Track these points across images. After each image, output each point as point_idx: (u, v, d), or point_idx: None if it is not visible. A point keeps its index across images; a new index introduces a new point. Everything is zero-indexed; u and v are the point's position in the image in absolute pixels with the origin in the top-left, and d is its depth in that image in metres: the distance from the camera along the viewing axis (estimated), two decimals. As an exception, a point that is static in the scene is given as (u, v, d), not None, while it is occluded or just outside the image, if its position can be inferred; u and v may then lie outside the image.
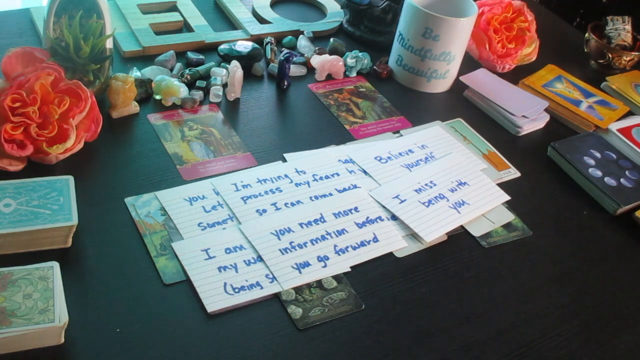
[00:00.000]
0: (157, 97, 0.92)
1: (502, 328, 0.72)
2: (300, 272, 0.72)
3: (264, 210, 0.79)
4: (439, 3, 1.04)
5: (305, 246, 0.75)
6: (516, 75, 1.12)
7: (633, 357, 0.72)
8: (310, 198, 0.82)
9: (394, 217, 0.82)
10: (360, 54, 1.07)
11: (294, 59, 1.02)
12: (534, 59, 1.17)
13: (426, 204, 0.84)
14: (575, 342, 0.72)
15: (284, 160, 0.88)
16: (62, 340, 0.61)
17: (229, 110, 0.94)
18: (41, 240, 0.68)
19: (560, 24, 1.37)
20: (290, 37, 1.10)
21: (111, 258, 0.70)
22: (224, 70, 0.98)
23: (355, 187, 0.85)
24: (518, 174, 0.93)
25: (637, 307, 0.78)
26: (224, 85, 0.97)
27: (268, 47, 1.05)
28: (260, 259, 0.73)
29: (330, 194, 0.83)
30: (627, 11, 1.23)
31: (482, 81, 1.08)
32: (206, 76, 0.98)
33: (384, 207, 0.83)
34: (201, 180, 0.82)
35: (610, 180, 0.92)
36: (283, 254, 0.74)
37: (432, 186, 0.87)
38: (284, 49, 1.08)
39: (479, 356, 0.68)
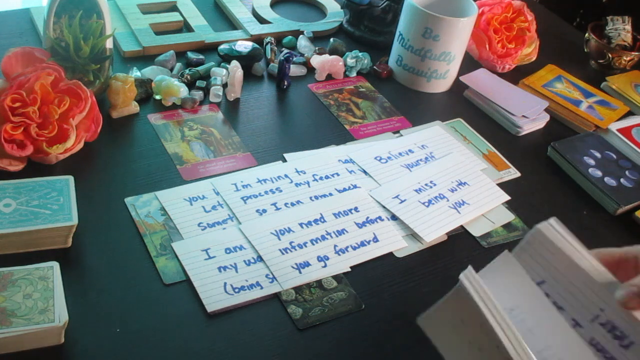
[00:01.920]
0: (157, 97, 0.92)
1: (502, 328, 0.72)
2: (300, 272, 0.72)
3: (264, 210, 0.79)
4: (439, 3, 1.04)
5: (305, 246, 0.75)
6: (516, 75, 1.12)
7: (633, 357, 0.72)
8: (310, 198, 0.82)
9: (394, 217, 0.82)
10: (360, 54, 1.07)
11: (294, 59, 1.02)
12: (534, 59, 1.17)
13: (426, 204, 0.84)
14: (575, 342, 0.72)
15: (284, 160, 0.88)
16: (62, 340, 0.61)
17: (229, 110, 0.94)
18: (41, 240, 0.68)
19: (560, 24, 1.37)
20: (290, 37, 1.10)
21: (111, 258, 0.70)
22: (224, 70, 0.98)
23: (355, 187, 0.85)
24: (518, 174, 0.93)
25: None
26: (224, 85, 0.97)
27: (268, 47, 1.05)
28: (260, 259, 0.73)
29: (330, 194, 0.83)
30: (627, 11, 1.22)
31: (482, 81, 1.08)
32: (206, 76, 0.98)
33: (384, 207, 0.83)
34: (201, 180, 0.82)
35: (610, 180, 0.92)
36: (283, 254, 0.74)
37: (432, 186, 0.87)
38: (284, 49, 1.08)
39: (479, 356, 0.68)
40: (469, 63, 1.12)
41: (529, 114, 1.02)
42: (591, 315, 0.55)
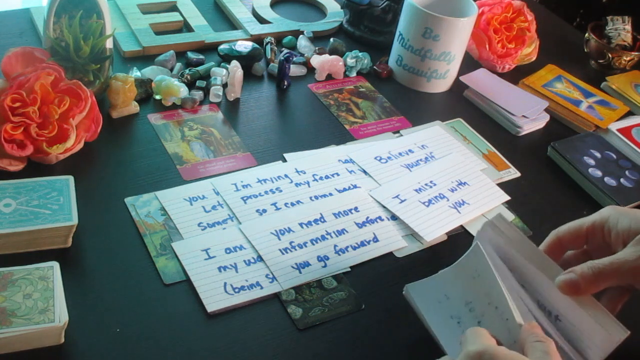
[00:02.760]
0: (157, 97, 0.92)
1: (502, 328, 0.72)
2: (300, 272, 0.72)
3: (264, 210, 0.79)
4: (439, 3, 1.04)
5: (305, 246, 0.75)
6: (516, 75, 1.12)
7: (633, 357, 0.72)
8: (310, 198, 0.82)
9: (394, 217, 0.82)
10: (360, 54, 1.07)
11: (294, 59, 1.02)
12: (534, 59, 1.17)
13: (426, 203, 0.84)
14: (575, 342, 0.72)
15: (284, 160, 0.88)
16: (62, 340, 0.61)
17: (229, 110, 0.94)
18: (41, 240, 0.68)
19: (560, 24, 1.37)
20: (290, 37, 1.10)
21: (111, 258, 0.70)
22: (224, 70, 0.98)
23: (355, 187, 0.85)
24: (518, 174, 0.93)
25: (637, 306, 0.78)
26: (224, 85, 0.97)
27: (268, 47, 1.05)
28: (260, 258, 0.73)
29: (330, 194, 0.83)
30: (627, 11, 1.23)
31: (482, 81, 1.08)
32: (206, 76, 0.98)
33: (384, 207, 0.83)
34: (201, 180, 0.82)
35: (610, 180, 0.92)
36: (283, 254, 0.74)
37: (432, 186, 0.87)
38: (284, 49, 1.08)
39: (479, 356, 0.68)
40: (469, 63, 1.12)
41: (529, 114, 1.02)
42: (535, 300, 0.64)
